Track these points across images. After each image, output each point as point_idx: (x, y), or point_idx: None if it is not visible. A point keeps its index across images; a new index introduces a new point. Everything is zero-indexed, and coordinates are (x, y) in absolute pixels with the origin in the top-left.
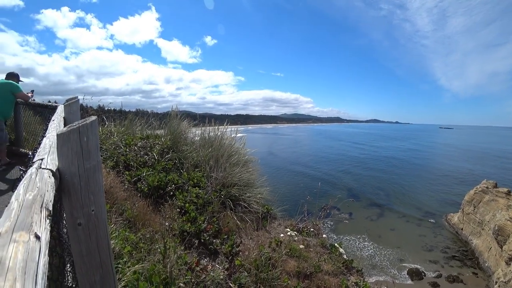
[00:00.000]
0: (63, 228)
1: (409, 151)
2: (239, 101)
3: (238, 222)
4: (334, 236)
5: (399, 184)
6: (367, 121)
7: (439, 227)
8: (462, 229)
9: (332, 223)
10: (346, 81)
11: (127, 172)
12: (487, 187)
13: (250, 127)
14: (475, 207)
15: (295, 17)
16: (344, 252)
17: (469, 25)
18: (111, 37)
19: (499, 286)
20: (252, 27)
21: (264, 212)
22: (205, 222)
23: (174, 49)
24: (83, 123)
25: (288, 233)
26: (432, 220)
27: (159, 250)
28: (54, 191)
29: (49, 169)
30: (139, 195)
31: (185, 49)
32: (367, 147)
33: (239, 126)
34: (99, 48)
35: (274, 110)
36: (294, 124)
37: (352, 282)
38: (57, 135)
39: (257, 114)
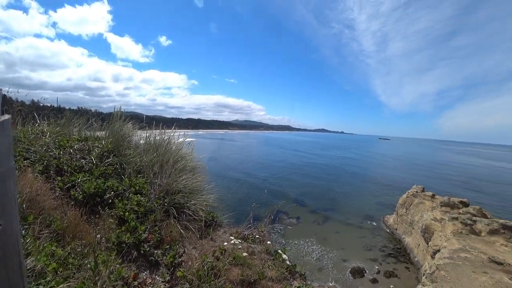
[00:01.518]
0: None
1: (348, 159)
2: (191, 105)
3: (181, 230)
4: (283, 241)
5: (340, 190)
6: (315, 130)
7: (378, 228)
8: (396, 229)
9: (282, 228)
10: (298, 91)
11: (59, 178)
12: (416, 192)
13: (200, 132)
14: (407, 209)
15: (252, 25)
16: (287, 258)
17: (405, 50)
18: (54, 25)
19: (426, 277)
20: (208, 32)
21: (209, 219)
22: (146, 232)
23: (125, 45)
24: None
25: (232, 241)
26: (371, 222)
27: (89, 265)
28: None
29: None
30: (72, 203)
31: (138, 47)
32: (308, 155)
33: (190, 130)
34: (38, 35)
35: (226, 116)
36: (245, 131)
37: (295, 286)
38: None
39: (209, 119)
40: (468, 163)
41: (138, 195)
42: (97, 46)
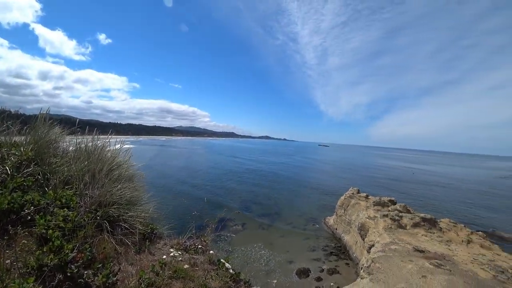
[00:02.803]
0: None
1: (288, 165)
2: (132, 109)
3: (116, 246)
4: (230, 249)
5: (282, 195)
6: (259, 137)
7: (320, 229)
8: (336, 229)
9: (228, 235)
10: (243, 98)
11: None
12: (353, 193)
13: (141, 138)
14: (345, 210)
15: (200, 30)
16: (230, 266)
17: (341, 64)
18: None
19: (363, 270)
20: (152, 34)
21: (148, 232)
22: (75, 251)
23: (56, 40)
24: None
25: (171, 254)
26: (314, 224)
27: None
28: None
29: None
30: None
31: (71, 43)
32: (249, 161)
33: (130, 136)
34: None
35: (169, 122)
36: (189, 137)
37: None
38: None
39: (151, 124)
40: (391, 166)
41: (65, 209)
42: (21, 38)
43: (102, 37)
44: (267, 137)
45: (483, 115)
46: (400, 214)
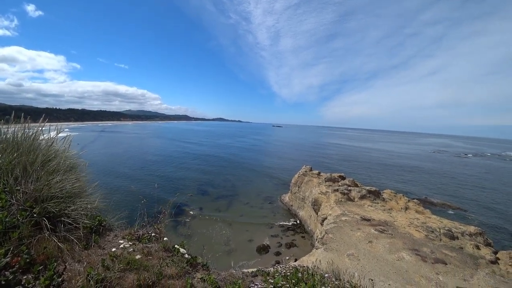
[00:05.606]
0: None
1: (241, 148)
2: (73, 92)
3: (59, 244)
4: (190, 233)
5: (237, 176)
6: (213, 119)
7: (276, 207)
8: (292, 205)
9: (188, 219)
10: (195, 80)
11: None
12: (306, 171)
13: (85, 124)
14: (299, 187)
15: (146, 5)
16: (185, 251)
17: (295, 46)
18: None
19: (318, 242)
20: (92, 6)
21: (96, 224)
22: (9, 255)
23: None
24: None
25: (122, 245)
26: (270, 202)
27: None
28: None
29: None
30: None
31: None
32: (200, 146)
33: (72, 123)
34: None
35: (117, 106)
36: (140, 122)
37: (197, 279)
38: None
39: (96, 109)
40: (339, 145)
41: None
42: None
43: (30, 8)
44: (221, 119)
45: (421, 98)
46: (349, 188)
